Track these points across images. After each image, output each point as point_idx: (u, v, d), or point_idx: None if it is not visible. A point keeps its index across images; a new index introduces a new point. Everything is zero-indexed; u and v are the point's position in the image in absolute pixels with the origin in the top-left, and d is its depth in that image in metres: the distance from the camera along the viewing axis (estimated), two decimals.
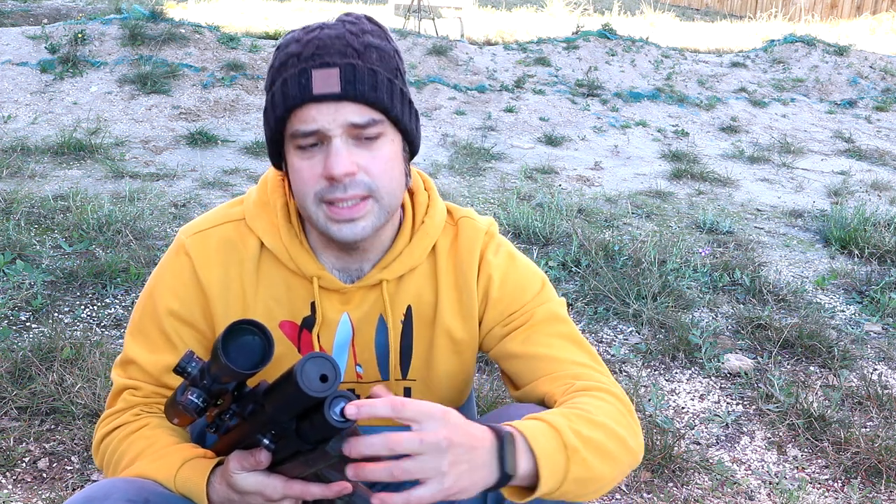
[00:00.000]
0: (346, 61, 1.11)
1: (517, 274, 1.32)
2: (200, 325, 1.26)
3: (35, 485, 1.99)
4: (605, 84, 8.10)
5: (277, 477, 1.03)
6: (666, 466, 2.21)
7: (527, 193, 4.83)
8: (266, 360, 0.94)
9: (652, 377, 2.75)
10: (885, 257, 4.00)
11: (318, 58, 1.11)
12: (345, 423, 0.89)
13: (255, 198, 1.28)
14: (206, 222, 1.28)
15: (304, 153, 1.13)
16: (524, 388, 1.29)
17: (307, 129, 1.11)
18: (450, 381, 1.35)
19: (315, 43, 1.12)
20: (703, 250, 3.87)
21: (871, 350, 3.04)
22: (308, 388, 0.87)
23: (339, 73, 1.10)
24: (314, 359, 0.89)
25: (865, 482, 2.21)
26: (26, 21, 8.63)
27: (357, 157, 1.12)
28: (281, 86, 1.12)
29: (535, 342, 1.29)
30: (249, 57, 7.14)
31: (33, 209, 3.78)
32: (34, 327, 2.74)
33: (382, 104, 1.12)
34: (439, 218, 1.30)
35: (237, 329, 0.94)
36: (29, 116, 5.80)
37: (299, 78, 1.10)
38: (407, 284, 1.29)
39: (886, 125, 8.00)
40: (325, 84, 1.09)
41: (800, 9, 15.78)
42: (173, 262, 1.27)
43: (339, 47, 1.12)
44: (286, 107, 1.11)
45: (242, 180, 4.76)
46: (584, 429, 1.08)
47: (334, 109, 1.10)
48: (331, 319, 1.27)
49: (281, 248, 1.24)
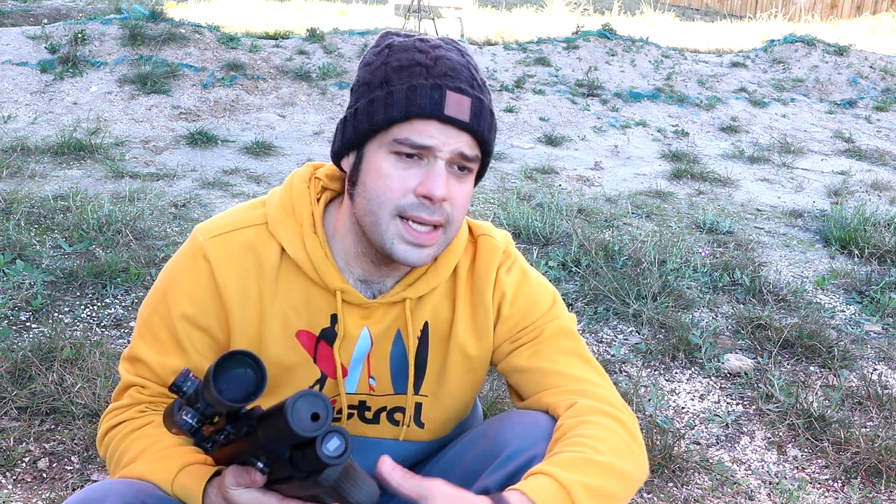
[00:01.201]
0: (475, 94, 1.14)
1: (529, 291, 1.33)
2: (215, 330, 1.24)
3: (35, 485, 1.99)
4: (605, 84, 8.10)
5: (273, 495, 1.02)
6: (666, 466, 2.21)
7: (527, 193, 4.83)
8: (258, 393, 0.93)
9: (652, 377, 2.75)
10: (885, 257, 4.00)
11: (451, 80, 1.12)
12: (337, 458, 0.89)
13: (278, 202, 1.25)
14: (226, 224, 1.24)
15: (401, 161, 1.13)
16: (528, 399, 1.30)
17: (421, 143, 1.11)
18: (460, 397, 1.36)
19: (445, 63, 1.13)
20: (703, 250, 3.87)
21: (871, 350, 3.04)
22: (298, 428, 0.87)
23: (470, 104, 1.12)
24: (305, 397, 0.88)
25: (865, 482, 2.21)
26: (26, 21, 8.63)
27: (450, 186, 1.14)
28: (407, 90, 1.11)
29: (542, 357, 1.29)
30: (249, 57, 7.14)
31: (33, 209, 3.78)
32: (34, 327, 2.74)
33: (489, 146, 1.17)
34: (462, 238, 1.30)
35: (231, 359, 0.93)
36: (29, 116, 5.80)
37: (432, 92, 1.11)
38: (426, 301, 1.29)
39: (886, 125, 8.01)
40: (457, 109, 1.11)
41: (800, 9, 15.78)
42: (190, 265, 1.23)
43: (467, 77, 1.14)
44: (408, 113, 1.11)
45: (242, 180, 4.76)
46: (592, 477, 1.09)
47: (455, 135, 1.12)
48: (351, 333, 1.26)
49: (304, 258, 1.22)
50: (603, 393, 1.26)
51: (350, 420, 1.33)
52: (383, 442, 1.35)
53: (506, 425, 1.27)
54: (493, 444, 1.26)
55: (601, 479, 1.10)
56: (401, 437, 1.35)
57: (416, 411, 1.34)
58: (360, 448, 1.34)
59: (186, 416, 0.96)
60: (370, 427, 1.34)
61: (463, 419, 1.41)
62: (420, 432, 1.35)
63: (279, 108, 6.55)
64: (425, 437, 1.36)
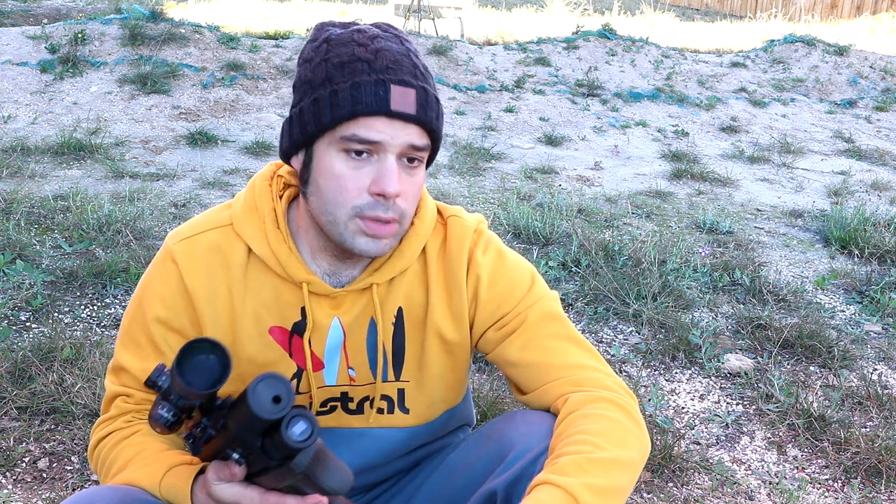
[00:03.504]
0: (419, 84, 1.13)
1: (506, 272, 1.31)
2: (188, 332, 1.25)
3: (35, 485, 1.99)
4: (605, 84, 8.10)
5: (254, 488, 1.03)
6: (666, 466, 2.21)
7: (527, 193, 4.83)
8: (224, 379, 0.94)
9: (652, 377, 2.75)
10: (885, 257, 4.00)
11: (394, 73, 1.11)
12: (304, 442, 0.89)
13: (242, 203, 1.27)
14: (193, 228, 1.27)
15: (352, 160, 1.13)
16: (528, 394, 1.30)
17: (370, 138, 1.11)
18: (443, 382, 1.35)
19: (386, 55, 1.13)
20: (703, 250, 3.87)
21: (871, 350, 3.04)
22: (260, 410, 0.87)
23: (415, 95, 1.12)
24: (266, 380, 0.89)
25: (865, 482, 2.21)
26: (26, 21, 8.63)
27: (402, 181, 1.14)
28: (351, 88, 1.11)
29: (533, 347, 1.29)
30: (249, 57, 7.14)
31: (33, 209, 3.78)
32: (34, 327, 2.74)
33: (438, 134, 1.16)
34: (429, 219, 1.29)
35: (194, 348, 0.94)
36: (29, 116, 5.80)
37: (376, 88, 1.10)
38: (397, 286, 1.28)
39: (886, 125, 8.00)
40: (403, 102, 1.11)
41: (800, 9, 15.78)
42: (160, 269, 1.26)
43: (409, 67, 1.13)
44: (354, 111, 1.10)
45: (242, 180, 4.76)
46: (597, 477, 1.10)
47: (402, 128, 1.12)
48: (321, 324, 1.26)
49: (269, 254, 1.23)
50: (597, 376, 1.26)
51: (334, 412, 1.33)
52: (370, 431, 1.35)
53: (510, 426, 1.27)
54: (499, 445, 1.26)
55: (606, 476, 1.10)
56: (386, 425, 1.35)
57: (399, 397, 1.34)
58: (349, 439, 1.34)
59: (162, 411, 0.97)
60: (355, 417, 1.34)
61: (452, 405, 1.40)
62: (406, 418, 1.35)
63: (279, 108, 6.55)
64: (412, 423, 1.36)
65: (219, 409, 0.99)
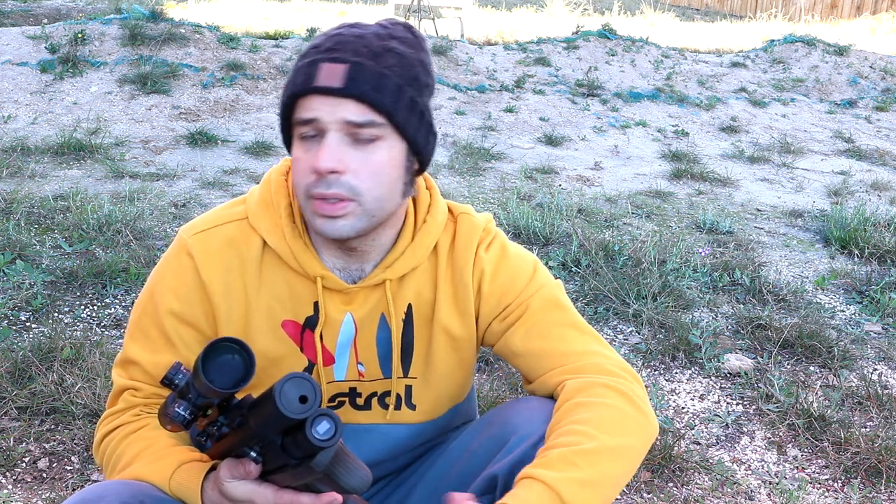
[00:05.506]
0: (356, 59, 1.11)
1: (508, 264, 1.32)
2: (202, 325, 1.25)
3: (35, 485, 1.99)
4: (605, 84, 8.10)
5: (268, 486, 1.02)
6: (666, 466, 2.21)
7: (527, 193, 4.83)
8: (248, 378, 0.94)
9: (652, 377, 2.75)
10: (885, 257, 4.00)
11: (332, 52, 1.12)
12: (327, 441, 0.89)
13: (258, 197, 1.27)
14: (208, 222, 1.27)
15: (304, 144, 1.14)
16: (533, 383, 1.31)
17: (305, 117, 1.12)
18: (449, 378, 1.36)
19: (335, 38, 1.13)
20: (703, 250, 3.87)
21: (871, 350, 3.04)
22: (287, 410, 0.87)
23: (344, 70, 1.10)
24: (293, 379, 0.88)
25: (865, 482, 2.21)
26: (26, 21, 8.63)
27: (348, 157, 1.12)
28: (293, 74, 1.14)
29: (535, 336, 1.29)
30: (249, 57, 7.14)
31: (33, 209, 3.78)
32: (34, 327, 2.74)
33: (384, 107, 1.11)
34: (441, 217, 1.30)
35: (219, 347, 0.94)
36: (29, 116, 5.80)
37: (308, 68, 1.12)
38: (408, 282, 1.29)
39: (886, 125, 8.00)
40: (328, 77, 1.10)
41: (800, 9, 15.78)
42: (175, 262, 1.26)
43: (356, 46, 1.12)
44: (289, 93, 1.13)
45: (242, 180, 4.76)
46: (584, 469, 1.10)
47: (334, 103, 1.11)
48: (334, 319, 1.27)
49: (284, 248, 1.23)
50: (598, 361, 1.26)
51: (342, 408, 1.33)
52: (377, 427, 1.35)
53: (511, 411, 1.28)
54: (501, 430, 1.26)
55: (593, 468, 1.10)
56: (393, 421, 1.35)
57: (406, 394, 1.34)
58: (355, 435, 1.34)
59: (179, 409, 0.97)
60: (362, 413, 1.34)
61: (457, 402, 1.41)
62: (412, 414, 1.36)
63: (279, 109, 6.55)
64: (418, 419, 1.36)
65: (236, 408, 0.98)
